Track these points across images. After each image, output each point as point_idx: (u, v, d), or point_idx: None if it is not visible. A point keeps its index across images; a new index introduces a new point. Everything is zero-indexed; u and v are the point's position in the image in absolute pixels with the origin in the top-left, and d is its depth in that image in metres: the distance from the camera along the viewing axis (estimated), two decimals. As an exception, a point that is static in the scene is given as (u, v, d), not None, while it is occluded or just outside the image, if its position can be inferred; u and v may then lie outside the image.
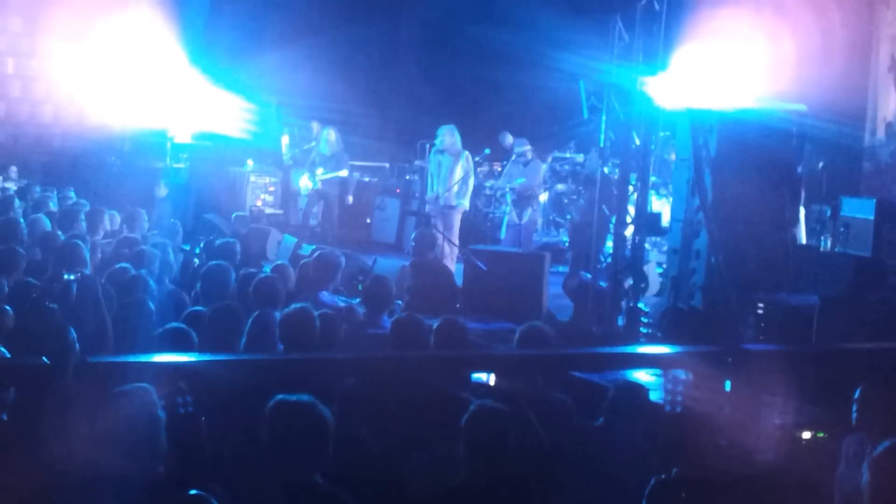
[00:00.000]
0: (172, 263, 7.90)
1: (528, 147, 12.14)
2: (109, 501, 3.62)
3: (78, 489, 3.65)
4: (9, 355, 4.69)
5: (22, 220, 8.99)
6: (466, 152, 11.76)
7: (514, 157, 12.37)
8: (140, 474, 3.67)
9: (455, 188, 11.56)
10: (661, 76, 8.88)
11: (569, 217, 14.19)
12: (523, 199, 11.87)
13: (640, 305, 9.22)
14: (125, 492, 3.61)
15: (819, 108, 8.94)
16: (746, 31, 8.13)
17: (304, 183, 14.10)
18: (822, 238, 9.29)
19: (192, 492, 3.51)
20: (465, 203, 11.83)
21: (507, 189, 12.02)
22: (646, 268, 9.75)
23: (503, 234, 12.15)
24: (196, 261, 9.20)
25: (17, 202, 10.51)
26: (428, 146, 13.46)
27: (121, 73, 14.18)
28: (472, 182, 11.86)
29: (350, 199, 13.97)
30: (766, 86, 8.14)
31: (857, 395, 4.76)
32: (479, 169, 13.90)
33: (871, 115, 10.94)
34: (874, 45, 10.74)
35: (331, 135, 13.69)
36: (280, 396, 3.77)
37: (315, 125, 14.80)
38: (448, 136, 11.70)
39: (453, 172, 11.60)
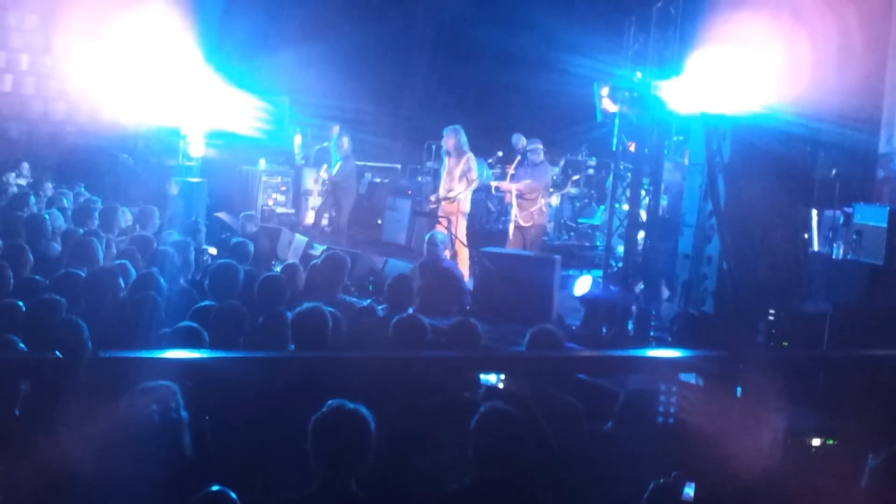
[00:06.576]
0: (192, 263, 7.93)
1: (541, 147, 12.07)
2: (122, 498, 3.62)
3: (90, 484, 3.66)
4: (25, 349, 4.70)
5: (47, 215, 9.06)
6: (468, 154, 11.55)
7: (519, 157, 12.30)
8: (155, 471, 3.68)
9: (457, 190, 11.43)
10: (675, 80, 8.86)
11: (580, 220, 14.16)
12: (529, 202, 11.80)
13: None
14: (137, 489, 3.62)
15: (834, 115, 8.90)
16: (762, 36, 8.09)
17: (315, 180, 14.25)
18: (835, 245, 9.24)
19: (214, 488, 3.52)
20: (465, 206, 11.60)
21: (514, 191, 11.93)
22: (658, 272, 9.72)
23: (511, 236, 12.07)
24: (208, 259, 9.23)
25: (32, 198, 10.56)
26: (435, 147, 13.44)
27: (134, 70, 14.23)
28: (469, 183, 11.58)
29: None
30: (781, 91, 8.11)
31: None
32: (491, 171, 13.88)
33: (886, 122, 10.88)
34: (891, 52, 10.68)
35: (344, 141, 13.73)
36: (333, 402, 3.78)
37: (335, 128, 14.81)
38: (449, 137, 11.53)
39: (453, 174, 11.49)
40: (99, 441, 3.69)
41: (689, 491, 3.87)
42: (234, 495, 3.51)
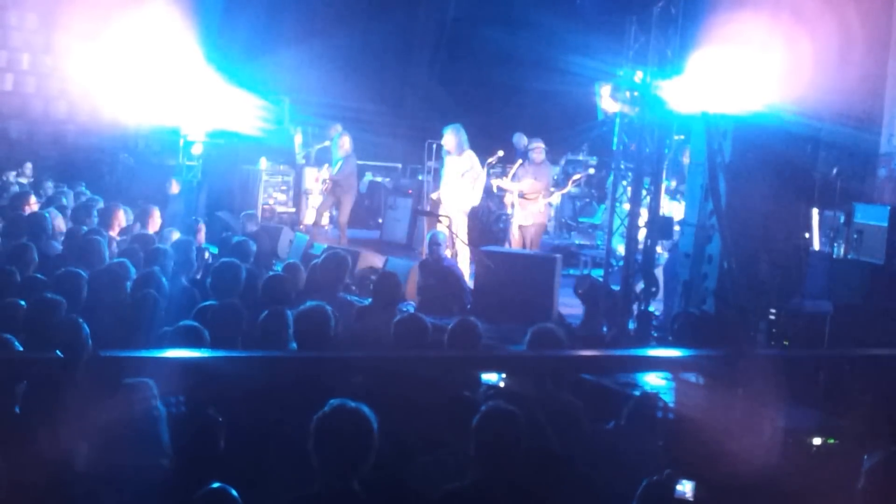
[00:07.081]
0: (193, 262, 7.94)
1: (542, 146, 12.07)
2: (116, 494, 3.63)
3: (85, 482, 3.66)
4: (21, 349, 4.70)
5: (47, 214, 9.08)
6: (469, 151, 11.51)
7: (523, 158, 12.30)
8: (143, 468, 3.69)
9: (457, 189, 11.42)
10: (676, 80, 8.86)
11: (580, 220, 14.12)
12: (530, 201, 11.81)
13: (651, 309, 9.20)
14: (131, 485, 3.63)
15: (835, 114, 8.91)
16: (762, 36, 8.10)
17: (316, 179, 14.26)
18: (836, 244, 9.25)
19: (215, 485, 3.53)
20: (467, 204, 11.58)
21: (515, 190, 11.94)
22: (657, 271, 9.72)
23: (511, 235, 12.08)
24: (209, 258, 9.23)
25: (33, 198, 10.57)
26: (436, 146, 13.45)
27: (135, 70, 14.23)
28: (473, 180, 11.55)
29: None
30: (782, 90, 8.11)
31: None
32: (492, 170, 13.89)
33: (888, 121, 10.89)
34: (892, 51, 10.69)
35: (345, 141, 13.73)
36: (335, 401, 3.79)
37: (336, 127, 14.79)
38: (449, 136, 11.49)
39: (454, 173, 11.48)
40: (90, 438, 3.71)
41: (683, 489, 3.87)
42: (234, 493, 3.51)
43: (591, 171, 14.89)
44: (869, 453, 3.84)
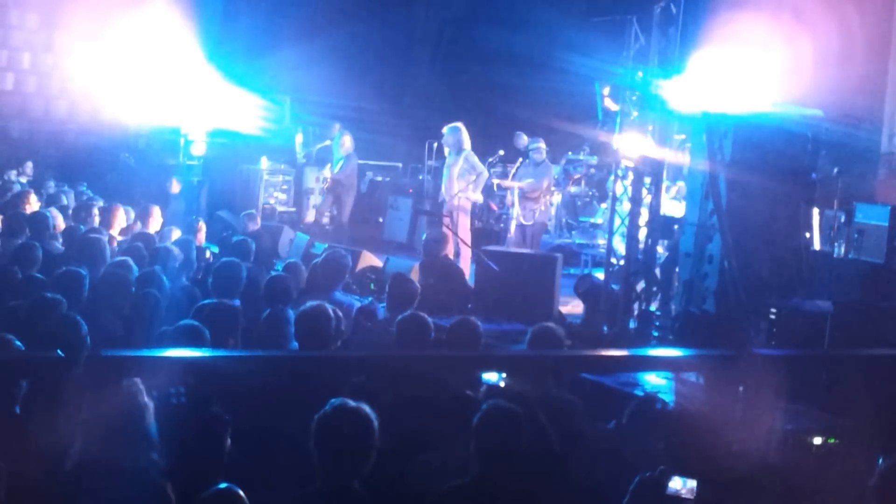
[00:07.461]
0: (194, 261, 7.94)
1: (542, 146, 12.08)
2: (113, 492, 3.63)
3: (76, 478, 3.67)
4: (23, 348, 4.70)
5: (48, 213, 9.08)
6: (467, 151, 11.54)
7: (523, 158, 12.32)
8: (134, 462, 3.69)
9: (456, 188, 11.44)
10: (676, 79, 8.86)
11: (581, 219, 14.10)
12: (530, 200, 11.82)
13: (652, 309, 9.20)
14: (123, 480, 3.63)
15: (836, 113, 8.92)
16: (763, 35, 8.11)
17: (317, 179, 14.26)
18: (836, 244, 9.26)
19: (223, 485, 3.53)
20: (469, 203, 11.59)
21: (516, 189, 11.96)
22: (657, 271, 9.72)
23: (511, 234, 12.10)
24: (210, 258, 9.23)
25: (34, 196, 10.56)
26: (436, 145, 13.47)
27: (136, 69, 14.23)
28: (474, 179, 11.54)
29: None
30: (783, 90, 8.12)
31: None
32: (492, 170, 13.90)
33: (888, 121, 10.90)
34: (893, 50, 10.70)
35: (345, 140, 13.73)
36: (335, 400, 3.79)
37: (336, 126, 14.79)
38: (448, 136, 11.54)
39: (453, 172, 11.50)
40: (82, 434, 3.71)
41: (675, 485, 3.87)
42: (241, 493, 3.52)
43: (592, 170, 14.88)
44: (884, 454, 3.84)
